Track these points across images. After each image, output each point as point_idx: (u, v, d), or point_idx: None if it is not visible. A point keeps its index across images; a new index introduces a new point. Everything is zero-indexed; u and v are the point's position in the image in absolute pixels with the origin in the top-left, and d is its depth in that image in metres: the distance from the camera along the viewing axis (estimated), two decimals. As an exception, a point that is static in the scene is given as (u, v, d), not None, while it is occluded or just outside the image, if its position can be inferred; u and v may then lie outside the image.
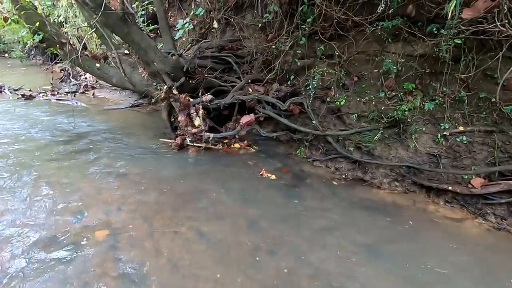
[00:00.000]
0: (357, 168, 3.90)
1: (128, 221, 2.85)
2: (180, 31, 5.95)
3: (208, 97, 4.59)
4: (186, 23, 5.91)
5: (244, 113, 4.67)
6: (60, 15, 8.25)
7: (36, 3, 4.97)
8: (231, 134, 4.61)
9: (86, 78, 8.56)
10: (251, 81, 4.88)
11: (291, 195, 3.45)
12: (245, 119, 4.42)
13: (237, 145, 4.61)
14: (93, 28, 4.88)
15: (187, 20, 5.98)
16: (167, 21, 5.07)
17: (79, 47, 5.10)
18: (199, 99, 4.61)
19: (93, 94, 7.84)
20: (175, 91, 4.51)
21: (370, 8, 3.77)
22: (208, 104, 4.60)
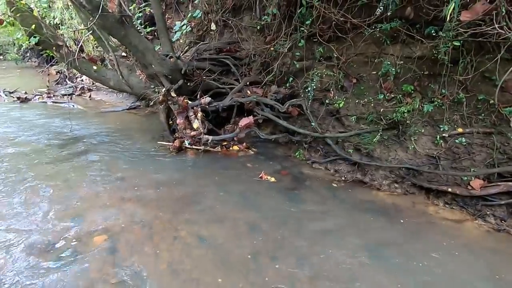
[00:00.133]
0: (356, 170, 3.90)
1: (126, 225, 2.82)
2: (178, 33, 5.93)
3: (207, 99, 4.57)
4: (183, 25, 5.90)
5: (242, 115, 4.65)
6: (56, 17, 8.19)
7: (32, 5, 4.93)
8: (230, 137, 4.58)
9: (82, 80, 8.52)
10: (249, 83, 4.87)
11: (291, 197, 3.44)
12: (244, 121, 4.41)
13: (235, 147, 4.59)
14: (90, 31, 4.85)
15: (184, 22, 5.96)
16: (164, 23, 5.05)
17: (75, 49, 5.06)
18: (197, 102, 4.60)
19: (90, 96, 7.79)
20: (173, 94, 4.49)
21: (368, 10, 3.78)
22: (206, 106, 4.58)
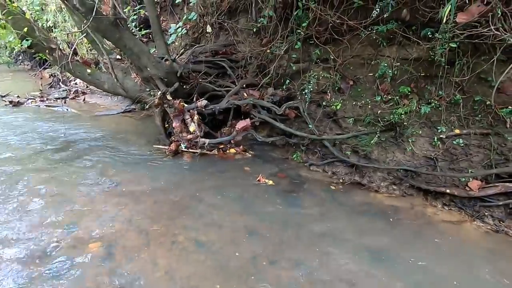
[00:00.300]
0: (354, 172, 3.88)
1: (122, 231, 2.76)
2: (173, 36, 5.89)
3: (203, 102, 4.53)
4: (179, 27, 5.86)
5: (239, 118, 4.62)
6: (49, 20, 8.09)
7: (24, 8, 4.84)
8: (226, 140, 4.54)
9: (76, 84, 8.39)
10: (246, 85, 4.84)
11: (290, 201, 3.41)
12: (241, 124, 4.38)
13: (232, 150, 4.55)
14: (83, 33, 4.79)
15: (179, 24, 5.92)
16: (159, 26, 5.01)
17: (69, 52, 4.99)
18: (193, 105, 4.55)
19: (84, 99, 7.68)
20: (169, 97, 4.44)
21: (364, 12, 3.79)
22: (203, 109, 4.53)
